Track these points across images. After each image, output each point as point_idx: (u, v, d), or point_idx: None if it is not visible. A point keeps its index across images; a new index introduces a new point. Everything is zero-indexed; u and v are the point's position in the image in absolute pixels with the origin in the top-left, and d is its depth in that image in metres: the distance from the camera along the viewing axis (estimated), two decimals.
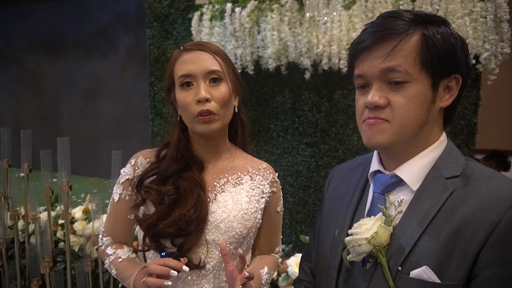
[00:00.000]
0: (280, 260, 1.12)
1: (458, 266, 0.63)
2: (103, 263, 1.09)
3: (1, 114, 7.11)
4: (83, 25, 6.09)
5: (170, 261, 0.84)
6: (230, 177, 1.00)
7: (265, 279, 1.00)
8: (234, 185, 0.99)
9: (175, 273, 0.83)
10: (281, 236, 1.12)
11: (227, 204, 0.95)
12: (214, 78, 0.92)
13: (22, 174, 2.03)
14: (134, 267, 0.95)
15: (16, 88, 6.97)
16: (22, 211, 2.08)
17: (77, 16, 6.14)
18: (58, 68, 6.45)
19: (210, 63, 0.92)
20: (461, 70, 0.70)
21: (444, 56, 0.68)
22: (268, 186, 1.02)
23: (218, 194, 0.97)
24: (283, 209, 1.08)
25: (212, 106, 0.90)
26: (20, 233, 2.07)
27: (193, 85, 0.92)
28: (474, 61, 2.08)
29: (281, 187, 1.08)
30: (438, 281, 0.64)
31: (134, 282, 0.93)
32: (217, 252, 0.94)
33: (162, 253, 0.88)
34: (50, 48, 6.48)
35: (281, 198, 1.07)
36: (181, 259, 0.87)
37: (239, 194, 0.97)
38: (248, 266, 1.04)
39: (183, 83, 0.92)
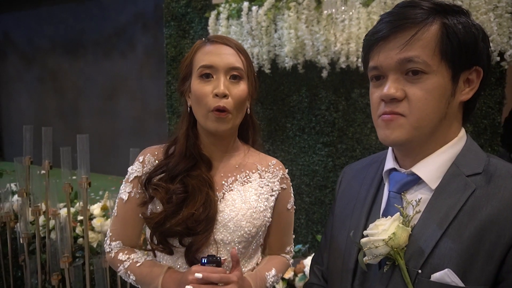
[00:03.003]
0: (291, 261, 1.08)
1: (483, 269, 0.60)
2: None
3: (23, 112, 7.32)
4: (102, 25, 6.21)
5: (218, 270, 0.83)
6: (238, 176, 0.97)
7: (270, 282, 0.98)
8: (242, 183, 0.97)
9: (200, 275, 0.83)
10: (293, 236, 1.10)
11: (235, 203, 0.93)
12: (234, 75, 0.90)
13: (43, 171, 2.08)
14: (158, 270, 0.93)
15: (38, 87, 7.16)
16: (43, 207, 2.13)
17: (96, 17, 6.26)
18: (78, 68, 6.59)
19: (234, 59, 0.90)
20: (482, 62, 0.67)
21: (465, 47, 0.64)
22: (277, 183, 1.00)
23: (226, 193, 0.95)
24: (294, 207, 1.05)
25: (228, 103, 0.88)
26: (40, 228, 2.12)
27: (212, 77, 0.89)
28: (498, 58, 2.01)
29: (291, 184, 1.05)
30: (462, 285, 0.60)
31: (162, 283, 0.90)
32: (226, 252, 0.92)
33: (203, 260, 0.85)
34: (70, 48, 6.63)
35: (292, 195, 1.04)
36: (222, 259, 0.86)
37: (248, 192, 0.95)
38: (257, 264, 1.02)
39: (203, 74, 0.89)
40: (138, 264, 0.95)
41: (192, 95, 0.92)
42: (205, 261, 0.85)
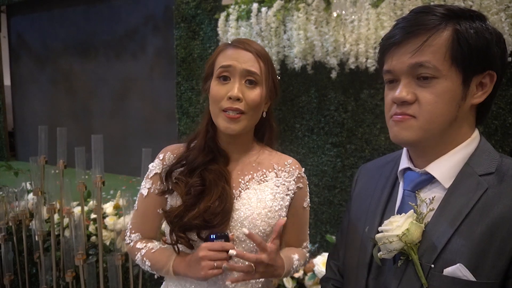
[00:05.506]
0: (308, 254, 1.11)
1: (494, 265, 0.62)
2: None
3: (36, 113, 7.45)
4: (113, 27, 6.29)
5: (227, 245, 0.87)
6: (255, 174, 0.99)
7: (295, 265, 1.01)
8: (258, 182, 0.99)
9: (234, 252, 0.85)
10: (308, 231, 1.12)
11: (251, 201, 0.95)
12: (250, 80, 0.93)
13: (57, 171, 2.12)
14: (170, 254, 0.97)
15: (50, 88, 7.27)
16: (58, 205, 2.18)
17: (108, 19, 6.34)
18: (90, 69, 6.68)
19: (251, 64, 0.92)
20: (495, 66, 0.69)
21: (476, 52, 0.66)
22: (293, 182, 1.02)
23: (242, 191, 0.97)
24: (309, 205, 1.08)
25: (242, 105, 0.91)
26: (55, 226, 2.17)
27: (229, 79, 0.93)
28: (510, 59, 2.00)
29: (307, 182, 1.07)
30: (473, 279, 0.63)
31: (173, 266, 0.94)
32: (241, 248, 0.95)
33: (212, 236, 0.89)
34: (82, 50, 6.72)
35: (308, 193, 1.07)
36: (230, 235, 0.90)
37: (264, 192, 0.97)
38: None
39: (221, 76, 0.93)
40: (153, 250, 0.99)
41: (210, 95, 0.96)
42: (214, 237, 0.89)
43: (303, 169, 1.06)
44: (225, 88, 0.92)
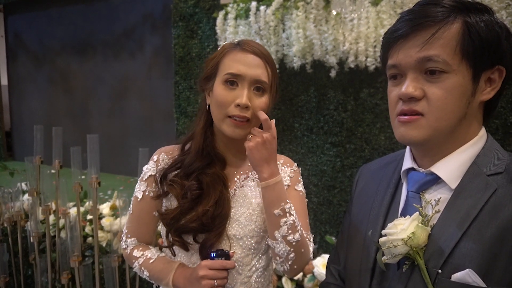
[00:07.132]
0: (312, 245, 0.99)
1: (506, 269, 0.59)
2: None
3: (34, 112, 7.41)
4: (111, 26, 6.26)
5: (227, 263, 0.87)
6: (250, 173, 1.00)
7: (292, 217, 0.87)
8: (253, 179, 0.99)
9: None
10: (309, 226, 1.05)
11: (246, 198, 0.96)
12: (258, 87, 0.91)
13: (53, 171, 2.10)
14: (170, 266, 0.96)
15: (48, 87, 7.24)
16: (53, 206, 2.15)
17: (106, 17, 6.32)
18: (88, 68, 6.65)
19: (261, 72, 0.91)
20: (505, 61, 0.66)
21: (487, 45, 0.63)
22: (288, 178, 1.02)
23: (238, 189, 0.98)
24: (305, 193, 1.03)
25: (249, 113, 0.90)
26: (51, 227, 2.14)
27: (237, 85, 0.90)
28: None
29: (300, 172, 1.05)
30: (483, 285, 0.59)
31: (173, 280, 0.93)
32: (238, 247, 0.94)
33: (212, 254, 0.88)
34: (80, 49, 6.69)
35: (301, 180, 1.04)
36: (230, 253, 0.89)
37: (259, 188, 0.97)
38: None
39: (228, 81, 0.90)
40: (151, 261, 0.98)
41: (214, 97, 0.93)
42: (214, 255, 0.88)
43: (295, 164, 1.05)
44: (233, 94, 0.90)
